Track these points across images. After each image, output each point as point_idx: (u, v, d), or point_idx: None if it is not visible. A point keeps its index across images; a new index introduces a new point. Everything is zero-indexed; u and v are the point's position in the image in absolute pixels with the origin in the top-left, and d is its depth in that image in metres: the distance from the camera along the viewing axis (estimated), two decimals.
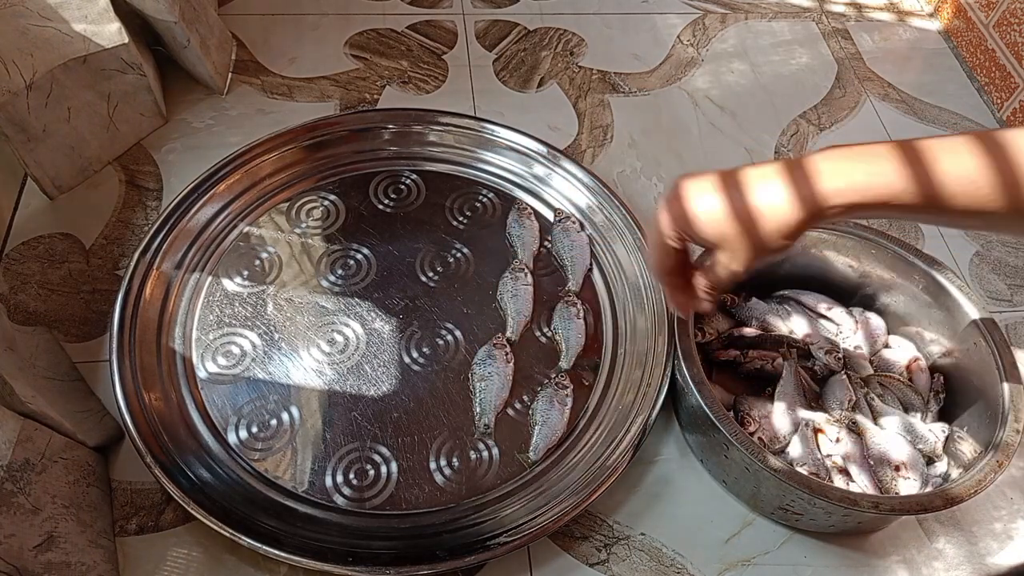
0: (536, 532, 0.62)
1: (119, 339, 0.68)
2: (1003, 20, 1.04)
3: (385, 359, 0.73)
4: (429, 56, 1.01)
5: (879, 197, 0.45)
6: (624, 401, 0.71)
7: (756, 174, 0.49)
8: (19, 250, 0.77)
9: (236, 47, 0.98)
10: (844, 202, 0.46)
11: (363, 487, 0.66)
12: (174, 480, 0.61)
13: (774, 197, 0.47)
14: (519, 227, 0.82)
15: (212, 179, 0.79)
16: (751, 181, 0.48)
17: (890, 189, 0.45)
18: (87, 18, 0.75)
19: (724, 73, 1.05)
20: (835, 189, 0.45)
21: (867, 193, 0.45)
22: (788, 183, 0.47)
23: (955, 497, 0.59)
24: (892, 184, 0.45)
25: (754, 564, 0.66)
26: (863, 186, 0.45)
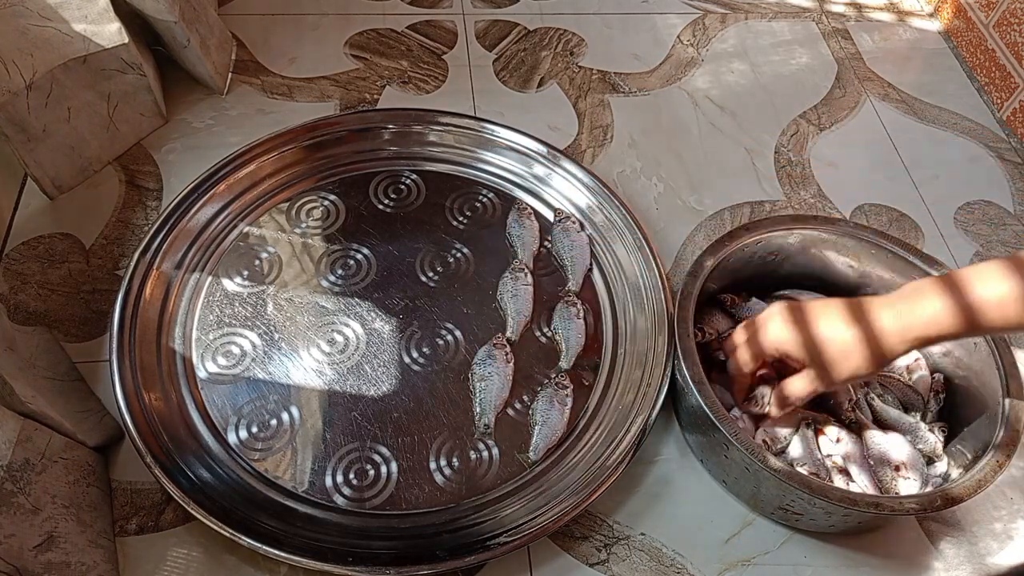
0: (536, 532, 0.62)
1: (119, 339, 0.68)
2: (1003, 20, 1.04)
3: (385, 359, 0.73)
4: (429, 56, 1.01)
5: (933, 337, 0.55)
6: (624, 401, 0.71)
7: (843, 309, 0.59)
8: (19, 250, 0.77)
9: (236, 47, 0.98)
10: (907, 349, 0.56)
11: (363, 487, 0.66)
12: (174, 480, 0.61)
13: (863, 337, 0.57)
14: (519, 227, 0.82)
15: (212, 179, 0.79)
16: (839, 315, 0.59)
17: (941, 328, 0.55)
18: (87, 18, 0.75)
19: (724, 73, 1.05)
20: (900, 342, 0.56)
21: (925, 339, 0.56)
22: (869, 322, 0.57)
23: (955, 497, 0.59)
24: (943, 324, 0.55)
25: (754, 564, 0.66)
26: (923, 335, 0.56)
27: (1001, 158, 0.99)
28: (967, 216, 0.92)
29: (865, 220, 0.90)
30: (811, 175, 0.94)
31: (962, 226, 0.91)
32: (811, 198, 0.92)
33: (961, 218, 0.92)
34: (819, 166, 0.95)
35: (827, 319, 0.59)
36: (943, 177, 0.96)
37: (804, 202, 0.91)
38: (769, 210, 0.90)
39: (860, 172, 0.96)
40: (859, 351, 0.57)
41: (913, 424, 0.68)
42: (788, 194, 0.92)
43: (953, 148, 1.00)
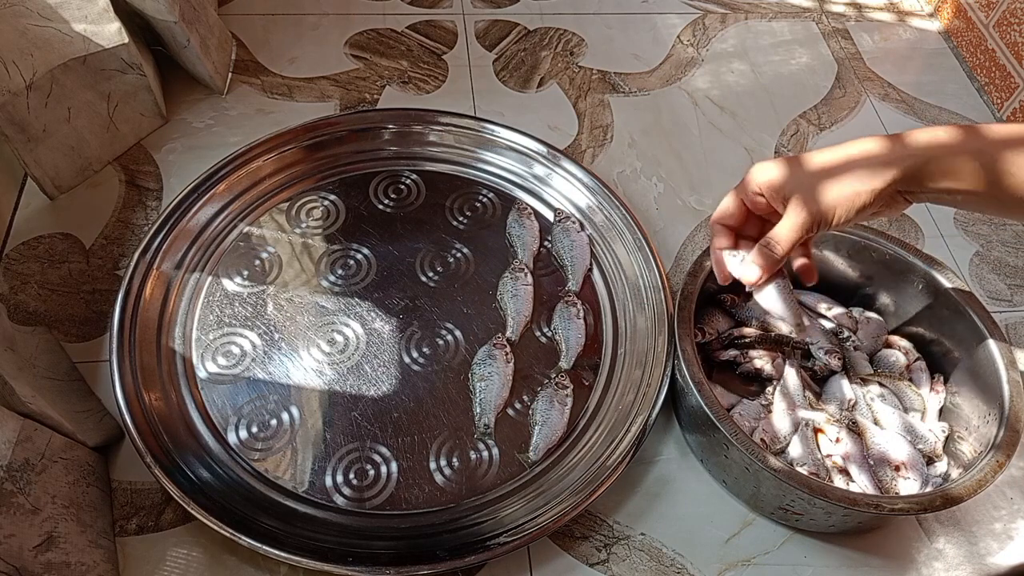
0: (536, 532, 0.62)
1: (119, 339, 0.68)
2: (1003, 20, 1.04)
3: (385, 359, 0.73)
4: (429, 56, 1.01)
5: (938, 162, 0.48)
6: (624, 401, 0.71)
7: (835, 157, 0.51)
8: (19, 250, 0.77)
9: (236, 47, 0.98)
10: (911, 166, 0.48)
11: (363, 487, 0.66)
12: (174, 480, 0.61)
13: (860, 155, 0.49)
14: (519, 227, 0.82)
15: (212, 179, 0.79)
16: (840, 147, 0.51)
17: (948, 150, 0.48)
18: (87, 18, 0.75)
19: (724, 73, 1.05)
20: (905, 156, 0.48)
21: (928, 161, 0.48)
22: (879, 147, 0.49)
23: (955, 497, 0.59)
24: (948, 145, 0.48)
25: (754, 564, 0.66)
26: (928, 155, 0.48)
27: None
28: (967, 216, 0.92)
29: None
30: None
31: (962, 226, 0.91)
32: None
33: (961, 218, 0.92)
34: None
35: (819, 152, 0.52)
36: None
37: None
38: None
39: None
40: (857, 167, 0.49)
41: (913, 424, 0.68)
42: None
43: None
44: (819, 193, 0.50)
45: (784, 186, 0.51)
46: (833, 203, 0.50)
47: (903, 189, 0.50)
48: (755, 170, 0.53)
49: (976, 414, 0.67)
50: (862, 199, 0.50)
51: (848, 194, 0.49)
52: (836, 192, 0.50)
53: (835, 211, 0.50)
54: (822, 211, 0.50)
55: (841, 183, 0.49)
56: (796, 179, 0.50)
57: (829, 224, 0.51)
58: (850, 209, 0.50)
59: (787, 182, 0.51)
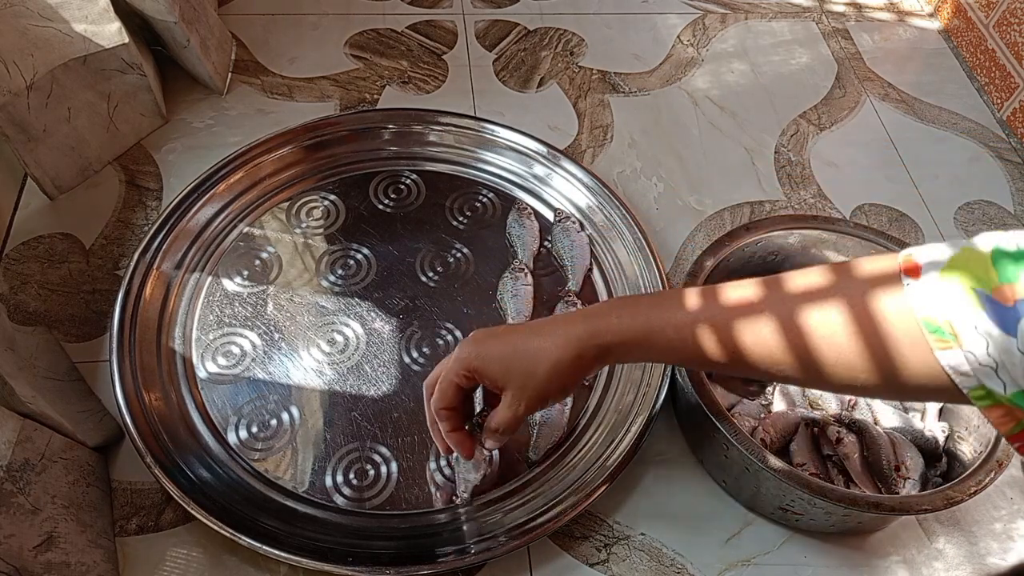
0: (536, 532, 0.62)
1: (119, 339, 0.68)
2: (1003, 20, 1.04)
3: (385, 359, 0.73)
4: (429, 56, 1.01)
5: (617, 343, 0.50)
6: (624, 401, 0.71)
7: (534, 323, 0.54)
8: (19, 250, 0.77)
9: (236, 47, 0.98)
10: (605, 341, 0.50)
11: (363, 487, 0.66)
12: (174, 480, 0.61)
13: (554, 337, 0.52)
14: (519, 227, 0.82)
15: (212, 179, 0.79)
16: (530, 328, 0.54)
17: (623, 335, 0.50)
18: (87, 18, 0.75)
19: (724, 73, 1.05)
20: (595, 329, 0.51)
21: (609, 346, 0.50)
22: (558, 328, 0.52)
23: (955, 497, 0.59)
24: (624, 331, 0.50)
25: (754, 564, 0.66)
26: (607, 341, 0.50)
27: (1001, 158, 0.99)
28: (967, 216, 0.92)
29: (865, 220, 0.90)
30: (811, 175, 0.94)
31: (962, 226, 0.91)
32: (811, 198, 0.92)
33: (961, 218, 0.92)
34: (819, 166, 0.95)
35: (518, 331, 0.54)
36: (943, 177, 0.96)
37: (804, 202, 0.91)
38: (769, 210, 0.90)
39: (860, 172, 0.96)
40: (550, 361, 0.51)
41: (913, 424, 0.68)
42: (788, 194, 0.92)
43: (953, 148, 1.00)
44: (532, 389, 0.53)
45: (497, 379, 0.54)
46: (544, 396, 0.54)
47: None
48: (459, 350, 0.55)
49: (976, 414, 0.67)
50: (568, 391, 0.58)
51: (555, 391, 0.53)
52: (544, 388, 0.53)
53: (547, 402, 0.55)
54: (536, 406, 0.54)
55: (548, 381, 0.52)
56: (507, 372, 0.53)
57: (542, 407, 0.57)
58: (561, 396, 0.60)
59: (499, 376, 0.53)
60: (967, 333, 0.39)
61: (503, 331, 0.55)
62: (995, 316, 0.38)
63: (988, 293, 0.38)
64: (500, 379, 0.53)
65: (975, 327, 0.38)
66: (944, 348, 0.40)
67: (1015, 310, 0.37)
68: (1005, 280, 0.38)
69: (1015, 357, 0.37)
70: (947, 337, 0.39)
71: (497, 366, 0.53)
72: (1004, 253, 0.39)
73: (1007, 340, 0.37)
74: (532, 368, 0.52)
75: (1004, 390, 0.38)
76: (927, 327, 0.40)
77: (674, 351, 0.50)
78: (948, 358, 0.40)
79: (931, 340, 0.40)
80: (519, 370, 0.52)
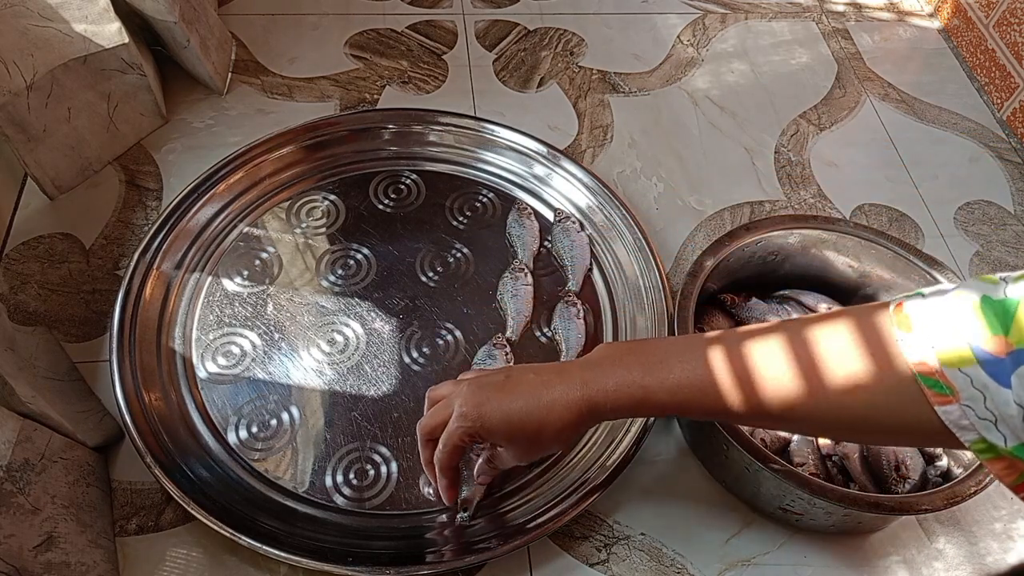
0: (536, 532, 0.62)
1: (119, 339, 0.68)
2: (1003, 20, 1.04)
3: (385, 359, 0.73)
4: (429, 56, 1.01)
5: (613, 410, 0.53)
6: None
7: (532, 381, 0.55)
8: (19, 250, 0.77)
9: (236, 47, 0.98)
10: (601, 408, 0.53)
11: (363, 487, 0.66)
12: (174, 480, 0.61)
13: (549, 404, 0.53)
14: (519, 227, 0.82)
15: (212, 179, 0.79)
16: (530, 388, 0.55)
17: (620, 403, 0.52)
18: (87, 18, 0.75)
19: (724, 73, 1.05)
20: (592, 397, 0.53)
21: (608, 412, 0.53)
22: (557, 392, 0.53)
23: (955, 497, 0.59)
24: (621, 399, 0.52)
25: (754, 564, 0.66)
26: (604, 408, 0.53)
27: (1001, 158, 0.99)
28: (967, 216, 0.92)
29: (865, 220, 0.90)
30: (811, 175, 0.94)
31: (962, 226, 0.91)
32: (811, 198, 0.92)
33: (961, 218, 0.92)
34: (819, 166, 0.95)
35: (518, 391, 0.54)
36: (943, 177, 0.96)
37: (804, 202, 0.91)
38: (769, 210, 0.90)
39: (860, 172, 0.96)
40: (553, 429, 0.53)
41: None
42: (788, 194, 0.92)
43: (953, 148, 1.00)
44: (536, 450, 0.57)
45: (501, 442, 0.56)
46: (546, 452, 0.60)
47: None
48: (470, 426, 0.55)
49: None
50: (569, 445, 0.66)
51: (556, 448, 0.59)
52: (547, 448, 0.58)
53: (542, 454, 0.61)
54: (537, 458, 0.62)
55: (552, 443, 0.55)
56: (511, 438, 0.55)
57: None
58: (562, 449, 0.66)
59: (504, 440, 0.56)
60: (963, 387, 0.38)
61: (501, 389, 0.55)
62: (989, 368, 0.38)
63: (980, 345, 0.38)
64: (504, 442, 0.56)
65: (971, 380, 0.38)
66: (943, 403, 0.39)
67: (1008, 361, 0.37)
68: (995, 332, 0.38)
69: (1012, 409, 0.37)
70: (945, 391, 0.39)
71: (502, 432, 0.55)
72: (992, 302, 0.38)
73: (1003, 393, 0.37)
74: (536, 434, 0.54)
75: (1005, 443, 0.38)
76: (924, 381, 0.40)
77: (665, 410, 0.53)
78: (947, 413, 0.39)
79: (929, 395, 0.40)
80: (523, 435, 0.54)
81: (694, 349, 0.51)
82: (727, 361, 0.49)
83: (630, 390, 0.52)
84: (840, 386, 0.44)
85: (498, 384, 0.55)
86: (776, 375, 0.47)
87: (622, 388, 0.52)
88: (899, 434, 0.45)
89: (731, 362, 0.49)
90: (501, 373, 0.57)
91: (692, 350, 0.51)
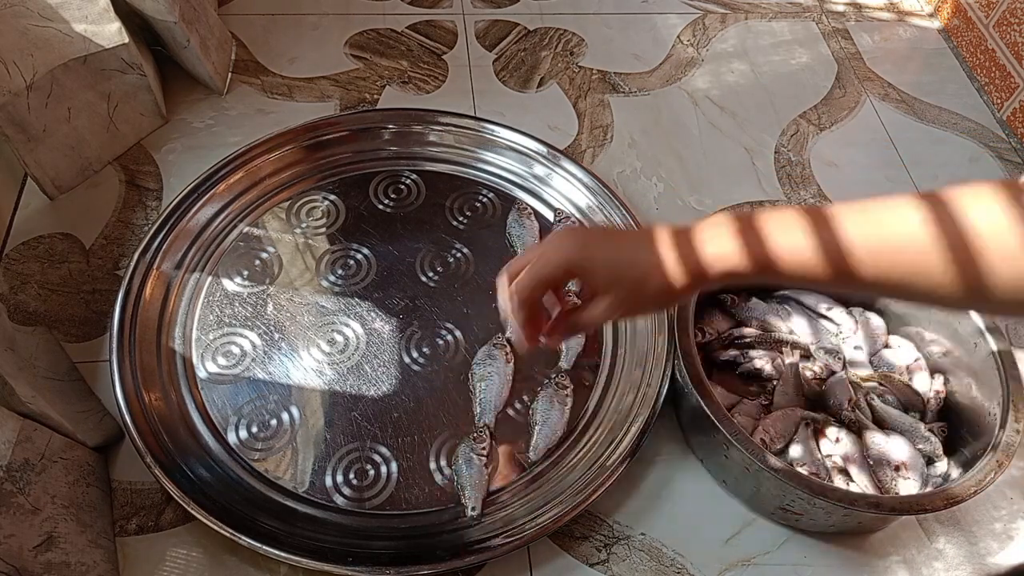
0: (536, 532, 0.62)
1: (119, 339, 0.68)
2: (1003, 20, 1.04)
3: (385, 359, 0.73)
4: (429, 56, 1.01)
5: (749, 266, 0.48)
6: (624, 401, 0.71)
7: (638, 234, 0.52)
8: (19, 250, 0.77)
9: (236, 47, 0.98)
10: (722, 269, 0.49)
11: (363, 487, 0.66)
12: (174, 480, 0.61)
13: (666, 258, 0.50)
14: (519, 227, 0.81)
15: (212, 179, 0.79)
16: (637, 239, 0.52)
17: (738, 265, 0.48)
18: (87, 18, 0.75)
19: (724, 73, 1.05)
20: (715, 255, 0.49)
21: (740, 261, 0.49)
22: (678, 249, 0.50)
23: (955, 497, 0.59)
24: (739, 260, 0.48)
25: (754, 564, 0.66)
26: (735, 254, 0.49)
27: (1001, 158, 0.99)
28: None
29: None
30: (811, 175, 0.94)
31: None
32: (811, 198, 0.92)
33: None
34: (819, 166, 0.95)
35: (624, 239, 0.52)
36: (943, 177, 0.96)
37: (804, 202, 0.91)
38: None
39: (860, 172, 0.96)
40: (661, 282, 0.50)
41: (913, 424, 0.68)
42: (788, 194, 0.92)
43: (953, 148, 1.00)
44: (635, 302, 0.52)
45: (600, 284, 0.52)
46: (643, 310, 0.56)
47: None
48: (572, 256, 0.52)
49: (976, 414, 0.67)
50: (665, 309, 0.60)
51: (654, 308, 0.56)
52: (647, 304, 0.53)
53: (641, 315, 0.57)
54: (631, 315, 0.58)
55: (654, 299, 0.51)
56: (614, 281, 0.51)
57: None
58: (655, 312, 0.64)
59: (604, 281, 0.52)
60: None
61: (604, 234, 0.53)
62: None
63: None
64: (604, 285, 0.51)
65: None
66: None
67: None
68: None
69: None
70: None
71: (604, 272, 0.51)
72: None
73: None
74: (640, 283, 0.50)
75: None
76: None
77: (786, 277, 0.49)
78: None
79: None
80: (628, 281, 0.51)
81: (815, 214, 0.47)
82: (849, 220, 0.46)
83: (756, 255, 0.48)
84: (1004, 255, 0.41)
85: (603, 231, 0.54)
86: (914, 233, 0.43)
87: (747, 254, 0.48)
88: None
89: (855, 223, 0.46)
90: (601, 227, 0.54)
91: (813, 215, 0.47)
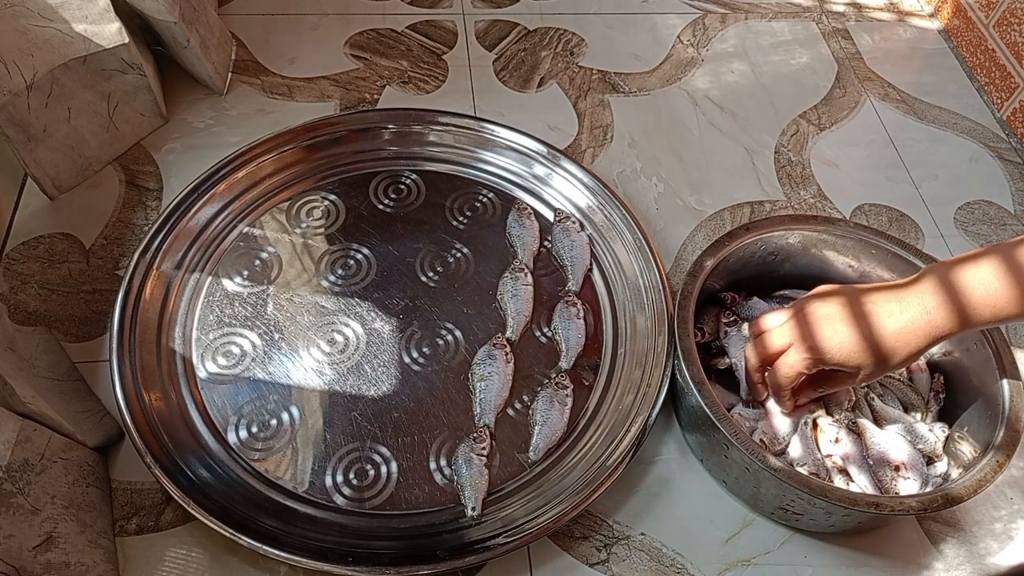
0: (536, 532, 0.62)
1: (119, 339, 0.68)
2: (1003, 20, 1.04)
3: (385, 359, 0.73)
4: (429, 56, 1.01)
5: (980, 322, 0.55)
6: (624, 401, 0.71)
7: (884, 300, 0.57)
8: (19, 250, 0.77)
9: (236, 47, 0.98)
10: (956, 329, 0.55)
11: (363, 487, 0.66)
12: (174, 480, 0.61)
13: (906, 325, 0.56)
14: (519, 227, 0.82)
15: (212, 179, 0.79)
16: (884, 309, 0.57)
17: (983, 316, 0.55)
18: (87, 18, 0.75)
19: (724, 73, 1.05)
20: (948, 319, 0.55)
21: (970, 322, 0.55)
22: (916, 315, 0.56)
23: (955, 497, 0.59)
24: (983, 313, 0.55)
25: (754, 564, 0.66)
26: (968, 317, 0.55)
27: (1001, 158, 0.99)
28: (967, 216, 0.92)
29: (865, 220, 0.90)
30: (811, 175, 0.94)
31: (962, 226, 0.91)
32: (811, 198, 0.92)
33: (961, 218, 0.92)
34: (819, 166, 0.95)
35: (871, 312, 0.57)
36: (943, 177, 0.96)
37: (804, 202, 0.91)
38: (769, 210, 0.90)
39: (860, 172, 0.96)
40: (908, 351, 0.57)
41: (913, 424, 0.68)
42: (788, 194, 0.92)
43: (953, 148, 1.00)
44: (880, 371, 0.58)
45: (850, 367, 0.58)
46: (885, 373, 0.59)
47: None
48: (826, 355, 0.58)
49: (976, 414, 0.67)
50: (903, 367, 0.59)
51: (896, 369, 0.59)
52: (892, 369, 0.58)
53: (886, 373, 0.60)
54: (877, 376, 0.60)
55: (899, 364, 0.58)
56: (864, 363, 0.57)
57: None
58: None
59: (856, 365, 0.58)
60: None
61: (854, 311, 0.57)
62: None
63: None
64: (854, 367, 0.58)
65: None
66: None
67: None
68: None
69: None
70: None
71: (856, 359, 0.57)
72: None
73: None
74: (889, 356, 0.56)
75: None
76: None
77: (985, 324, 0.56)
78: None
79: None
80: (876, 358, 0.57)
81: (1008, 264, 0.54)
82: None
83: (969, 316, 0.55)
84: None
85: (838, 316, 0.57)
86: None
87: (963, 317, 0.55)
88: None
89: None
90: (834, 303, 0.58)
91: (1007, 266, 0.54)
